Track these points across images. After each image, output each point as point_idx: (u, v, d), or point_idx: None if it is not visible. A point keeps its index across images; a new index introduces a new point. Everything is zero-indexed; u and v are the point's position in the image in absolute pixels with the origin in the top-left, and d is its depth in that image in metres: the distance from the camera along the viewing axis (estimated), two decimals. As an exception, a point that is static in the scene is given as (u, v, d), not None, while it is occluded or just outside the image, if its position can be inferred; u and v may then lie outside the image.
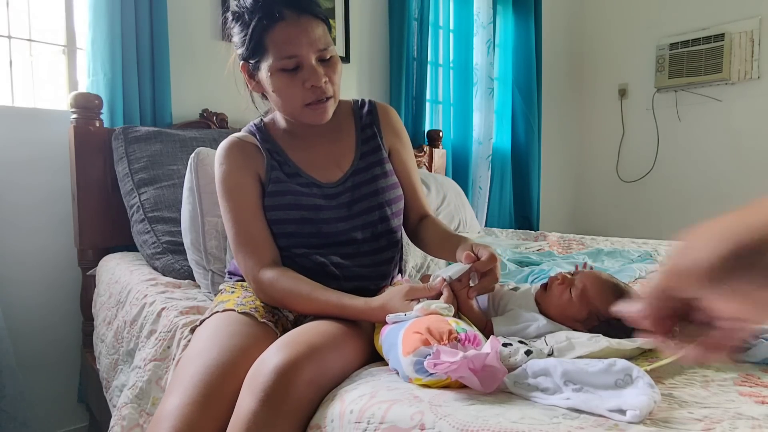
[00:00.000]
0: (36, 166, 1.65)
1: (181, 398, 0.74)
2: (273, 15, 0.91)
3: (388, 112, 1.14)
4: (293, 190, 1.01)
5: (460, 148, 2.79)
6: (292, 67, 0.93)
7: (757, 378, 0.65)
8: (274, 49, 0.92)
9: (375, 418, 0.60)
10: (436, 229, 1.08)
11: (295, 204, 1.00)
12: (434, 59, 2.69)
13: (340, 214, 1.02)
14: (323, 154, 1.06)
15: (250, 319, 0.90)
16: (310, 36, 0.92)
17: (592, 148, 3.61)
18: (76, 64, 1.78)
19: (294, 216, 0.99)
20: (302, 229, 1.00)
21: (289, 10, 0.91)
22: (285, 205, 1.00)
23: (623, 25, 3.40)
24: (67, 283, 1.71)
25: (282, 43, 0.91)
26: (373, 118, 1.12)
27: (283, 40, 0.91)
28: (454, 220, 2.28)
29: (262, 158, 1.03)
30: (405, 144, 1.15)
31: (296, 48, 0.91)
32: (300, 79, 0.93)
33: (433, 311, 0.75)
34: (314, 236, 1.00)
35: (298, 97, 0.95)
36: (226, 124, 1.96)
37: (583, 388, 0.57)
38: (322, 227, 1.00)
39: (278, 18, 0.90)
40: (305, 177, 1.03)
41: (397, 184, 1.09)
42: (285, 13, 0.91)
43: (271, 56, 0.93)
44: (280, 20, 0.91)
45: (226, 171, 1.01)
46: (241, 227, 0.98)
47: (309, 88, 0.94)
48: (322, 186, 1.03)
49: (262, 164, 1.02)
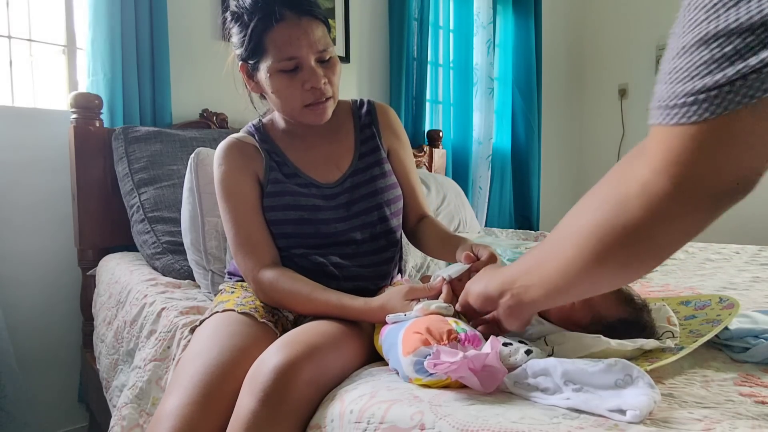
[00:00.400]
0: (36, 166, 1.65)
1: (181, 398, 0.74)
2: (273, 16, 0.90)
3: (386, 112, 1.14)
4: (292, 190, 1.01)
5: (460, 148, 2.79)
6: (292, 68, 0.93)
7: (757, 378, 0.65)
8: (274, 50, 0.92)
9: (375, 418, 0.60)
10: (434, 229, 1.08)
11: (294, 204, 1.00)
12: (434, 59, 2.69)
13: (339, 214, 1.02)
14: (322, 155, 1.06)
15: (249, 319, 0.90)
16: (310, 37, 0.92)
17: (592, 148, 3.61)
18: (76, 64, 1.78)
19: (292, 216, 0.99)
20: (301, 229, 1.00)
21: (289, 11, 0.91)
22: (283, 206, 1.00)
23: (623, 25, 3.40)
24: (67, 283, 1.71)
25: (281, 45, 0.91)
26: (371, 118, 1.12)
27: (282, 41, 0.91)
28: (454, 220, 2.28)
29: (261, 159, 1.03)
30: (404, 144, 1.15)
31: (296, 49, 0.91)
32: (299, 81, 0.93)
33: (432, 311, 0.75)
34: (313, 236, 1.00)
35: (297, 98, 0.95)
36: (226, 124, 1.96)
37: (583, 388, 0.57)
38: (320, 227, 1.00)
39: (278, 19, 0.90)
40: (304, 177, 1.03)
41: (396, 184, 1.09)
42: (285, 14, 0.90)
43: (271, 57, 0.93)
44: (279, 21, 0.90)
45: (224, 172, 1.01)
46: (240, 228, 0.98)
47: (308, 89, 0.94)
48: (321, 186, 1.03)
49: (260, 165, 1.02)
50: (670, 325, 0.77)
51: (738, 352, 0.73)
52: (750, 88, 0.36)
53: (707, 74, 0.37)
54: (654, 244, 0.48)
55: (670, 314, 0.79)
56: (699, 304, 0.89)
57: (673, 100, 0.40)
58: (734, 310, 0.80)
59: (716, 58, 0.37)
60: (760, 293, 1.16)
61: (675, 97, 0.40)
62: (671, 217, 0.45)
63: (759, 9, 0.33)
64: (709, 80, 0.37)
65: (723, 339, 0.75)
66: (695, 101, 0.38)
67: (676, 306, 0.90)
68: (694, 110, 0.39)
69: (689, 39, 0.38)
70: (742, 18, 0.34)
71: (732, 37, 0.35)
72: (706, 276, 1.43)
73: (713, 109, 0.38)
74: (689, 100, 0.39)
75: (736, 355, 0.73)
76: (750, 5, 0.34)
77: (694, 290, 1.22)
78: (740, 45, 0.35)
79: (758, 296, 1.13)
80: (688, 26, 0.38)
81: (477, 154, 2.86)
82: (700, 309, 0.87)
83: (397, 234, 1.10)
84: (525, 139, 3.05)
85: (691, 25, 0.38)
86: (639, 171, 0.46)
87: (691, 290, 1.22)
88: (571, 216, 0.56)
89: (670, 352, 0.70)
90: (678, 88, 0.39)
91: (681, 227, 0.46)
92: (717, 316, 0.82)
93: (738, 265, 1.57)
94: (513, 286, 0.65)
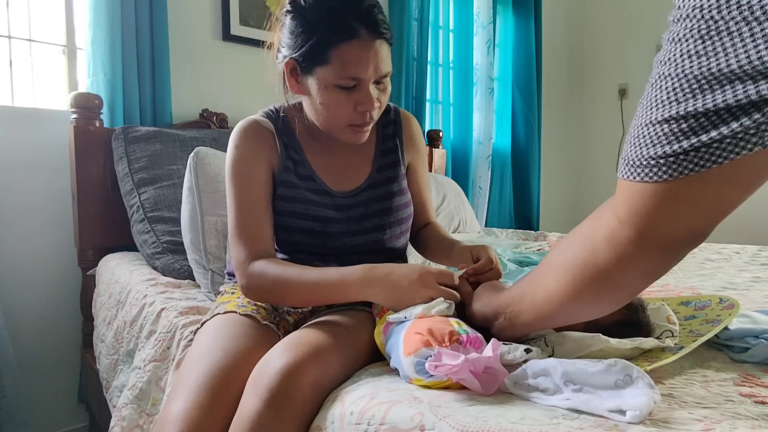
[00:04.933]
0: (36, 166, 1.65)
1: (186, 402, 0.73)
2: (347, 31, 0.84)
3: (411, 123, 1.10)
4: (304, 198, 0.97)
5: (460, 148, 2.79)
6: (350, 86, 0.88)
7: (757, 378, 0.65)
8: (338, 65, 0.85)
9: (375, 419, 0.60)
10: (433, 234, 1.08)
11: (305, 213, 0.97)
12: (434, 59, 2.69)
13: (350, 228, 0.99)
14: (340, 162, 1.02)
15: (252, 321, 0.90)
16: (377, 61, 0.86)
17: (592, 148, 3.61)
18: (76, 64, 1.78)
19: (301, 226, 0.97)
20: (308, 239, 0.98)
21: (365, 29, 0.84)
22: (294, 213, 0.97)
23: (623, 25, 3.40)
24: (67, 283, 1.71)
25: (348, 63, 0.85)
26: (396, 129, 1.07)
27: (350, 59, 0.85)
28: (454, 220, 2.28)
29: (277, 150, 0.98)
30: (422, 157, 1.12)
31: (362, 71, 0.86)
32: (353, 100, 0.89)
33: (432, 315, 0.75)
34: (318, 248, 0.99)
35: (345, 116, 0.91)
36: (226, 124, 1.96)
37: (583, 389, 0.57)
38: (328, 241, 0.98)
39: (352, 36, 0.84)
40: (318, 182, 0.99)
41: (410, 202, 1.06)
42: (360, 32, 0.84)
43: (331, 70, 0.86)
44: (352, 38, 0.84)
45: (239, 155, 0.96)
46: (243, 216, 0.94)
47: (360, 111, 0.90)
48: (334, 195, 1.00)
49: (276, 156, 0.98)
50: (669, 324, 0.77)
51: (738, 352, 0.73)
52: (701, 159, 0.43)
53: (667, 144, 0.44)
54: (620, 283, 0.56)
55: (670, 313, 0.79)
56: (699, 305, 0.89)
57: (639, 161, 0.47)
58: (734, 310, 0.80)
59: (675, 132, 0.44)
60: (760, 293, 1.16)
61: (641, 158, 0.47)
62: (635, 260, 0.52)
63: (713, 100, 0.41)
64: (668, 148, 0.44)
65: (723, 339, 0.75)
66: (657, 164, 0.45)
67: (676, 306, 0.90)
68: (654, 171, 0.46)
69: (654, 115, 0.45)
70: (698, 105, 0.42)
71: (689, 119, 0.43)
72: (706, 276, 1.43)
73: (670, 173, 0.45)
74: (651, 162, 0.46)
75: (736, 355, 0.73)
76: (705, 98, 0.41)
77: (694, 290, 1.22)
78: (694, 124, 0.42)
79: (758, 296, 1.13)
80: (653, 102, 0.45)
81: (477, 154, 2.86)
82: (700, 309, 0.87)
83: (405, 249, 1.09)
84: (525, 139, 3.05)
85: (656, 103, 0.45)
86: (608, 219, 0.53)
87: (691, 290, 1.22)
88: (556, 249, 0.65)
89: (670, 351, 0.70)
90: (643, 151, 0.46)
91: (643, 270, 0.54)
92: (717, 316, 0.82)
93: (738, 265, 1.57)
94: (506, 310, 0.73)
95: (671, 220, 0.48)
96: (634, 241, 0.51)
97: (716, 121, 0.41)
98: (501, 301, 0.74)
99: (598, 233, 0.55)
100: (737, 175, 0.44)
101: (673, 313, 0.80)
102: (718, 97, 0.41)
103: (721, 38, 0.40)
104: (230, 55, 2.02)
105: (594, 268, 0.55)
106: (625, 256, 0.52)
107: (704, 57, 0.41)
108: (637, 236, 0.50)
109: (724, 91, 0.40)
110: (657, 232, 0.49)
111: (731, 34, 0.39)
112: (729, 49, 0.39)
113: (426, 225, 1.13)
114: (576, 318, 0.66)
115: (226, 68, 2.01)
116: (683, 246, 0.51)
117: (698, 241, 0.51)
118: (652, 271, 0.54)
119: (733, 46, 0.39)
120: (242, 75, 2.03)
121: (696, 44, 0.41)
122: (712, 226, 0.49)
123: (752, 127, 0.40)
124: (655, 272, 0.54)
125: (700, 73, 0.41)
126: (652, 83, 0.46)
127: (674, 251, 0.51)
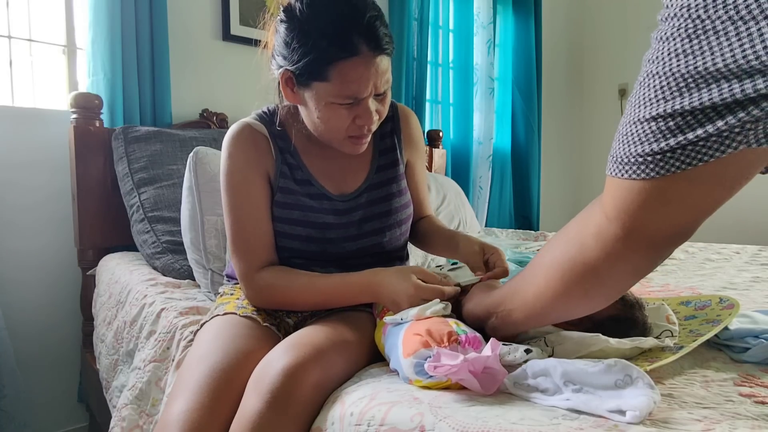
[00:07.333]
0: (36, 166, 1.65)
1: (188, 403, 0.73)
2: (348, 48, 0.80)
3: (409, 119, 1.07)
4: (302, 204, 0.96)
5: (460, 148, 2.79)
6: (349, 103, 0.86)
7: (757, 378, 0.65)
8: (338, 82, 0.82)
9: (375, 420, 0.60)
10: (430, 226, 1.08)
11: (303, 220, 0.95)
12: (434, 59, 2.69)
13: (349, 233, 0.98)
14: (338, 164, 1.00)
15: (251, 322, 0.89)
16: (377, 76, 0.84)
17: (592, 148, 3.61)
18: (76, 64, 1.78)
19: (300, 233, 0.96)
20: (306, 246, 0.96)
21: (366, 46, 0.81)
22: (292, 220, 0.95)
23: (623, 25, 3.40)
24: (67, 283, 1.71)
25: (348, 81, 0.82)
26: (394, 126, 1.05)
27: (350, 77, 0.82)
28: (454, 220, 2.28)
29: (272, 155, 0.96)
30: (421, 154, 1.11)
31: (363, 90, 0.84)
32: (352, 114, 0.87)
33: (428, 316, 0.75)
34: (317, 254, 0.98)
35: (343, 129, 0.89)
36: (226, 124, 1.96)
37: (583, 389, 0.57)
38: (327, 247, 0.97)
39: (352, 53, 0.80)
40: (317, 186, 0.97)
41: (410, 201, 1.05)
42: (361, 49, 0.80)
43: (331, 87, 0.83)
44: (354, 55, 0.81)
45: (233, 165, 0.94)
46: (241, 228, 0.94)
47: (359, 125, 0.88)
48: (333, 199, 0.98)
49: (272, 161, 0.96)
50: (669, 323, 0.77)
51: (738, 352, 0.73)
52: (687, 157, 0.43)
53: (654, 141, 0.45)
54: (609, 280, 0.57)
55: (669, 313, 0.79)
56: (699, 305, 0.89)
57: (626, 158, 0.47)
58: (734, 310, 0.80)
59: (662, 129, 0.44)
60: (760, 293, 1.16)
61: (628, 155, 0.47)
62: (622, 257, 0.53)
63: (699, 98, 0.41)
64: (655, 146, 0.45)
65: (723, 339, 0.75)
66: (644, 161, 0.46)
67: (676, 306, 0.90)
68: (642, 169, 0.46)
69: (642, 113, 0.45)
70: (685, 103, 0.42)
71: (676, 117, 0.43)
72: (706, 276, 1.43)
73: (658, 170, 0.45)
74: (639, 160, 0.46)
75: (736, 355, 0.73)
76: (692, 96, 0.41)
77: (694, 290, 1.22)
78: (681, 122, 0.43)
79: (758, 296, 1.13)
80: (641, 100, 0.46)
81: (477, 154, 2.86)
82: (700, 309, 0.87)
83: (405, 249, 1.08)
84: (525, 139, 3.05)
85: (644, 101, 0.45)
86: (596, 216, 0.54)
87: (691, 290, 1.22)
88: (546, 247, 0.65)
89: (670, 351, 0.70)
90: (631, 149, 0.47)
91: (631, 266, 0.54)
92: (717, 316, 0.82)
93: (738, 265, 1.57)
94: (497, 309, 0.73)
95: (658, 217, 0.49)
96: (621, 238, 0.51)
97: (702, 119, 0.42)
98: (492, 300, 0.75)
99: (586, 230, 0.56)
100: (723, 173, 0.44)
101: (672, 313, 0.80)
102: (705, 96, 0.41)
103: (707, 37, 0.40)
104: (230, 55, 2.02)
105: (582, 265, 0.56)
106: (612, 252, 0.53)
107: (691, 56, 0.41)
108: (624, 233, 0.51)
109: (711, 89, 0.41)
110: (644, 228, 0.50)
111: (717, 34, 0.40)
112: (715, 48, 0.40)
113: (422, 218, 1.12)
114: (567, 315, 0.67)
115: (226, 68, 2.01)
116: (670, 243, 0.52)
117: (684, 238, 0.51)
118: (640, 267, 0.55)
119: (719, 45, 0.40)
120: (242, 75, 2.03)
121: (683, 43, 0.42)
122: (698, 223, 0.50)
123: (737, 125, 0.40)
124: (643, 269, 0.55)
125: (687, 72, 0.42)
126: (641, 81, 0.46)
127: (661, 248, 0.52)
